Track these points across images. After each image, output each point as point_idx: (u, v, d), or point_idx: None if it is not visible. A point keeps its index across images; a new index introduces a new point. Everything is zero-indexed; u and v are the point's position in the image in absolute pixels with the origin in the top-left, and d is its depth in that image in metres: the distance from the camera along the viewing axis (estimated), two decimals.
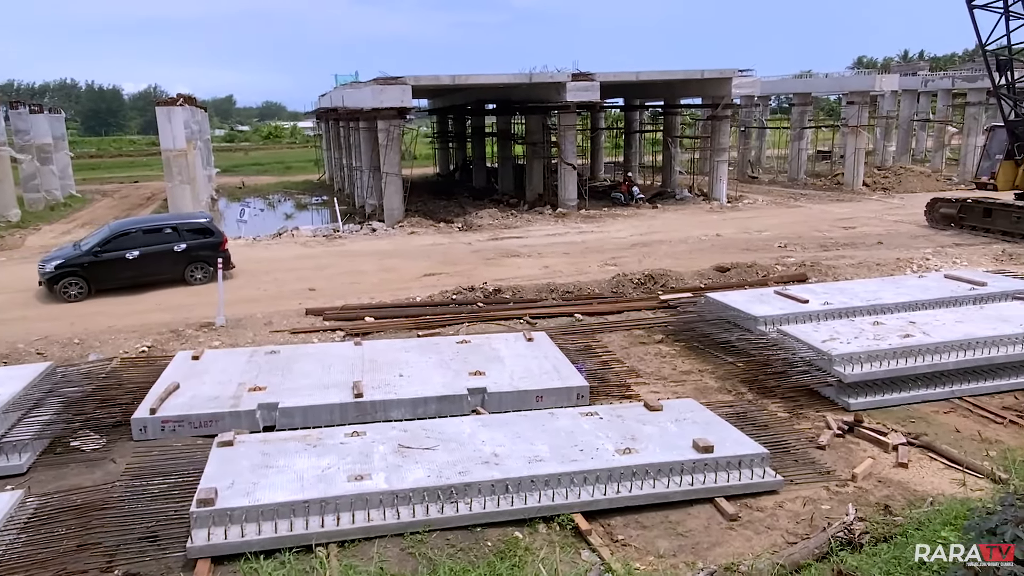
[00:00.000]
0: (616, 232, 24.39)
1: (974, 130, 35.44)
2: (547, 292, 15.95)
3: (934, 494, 7.49)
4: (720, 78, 29.68)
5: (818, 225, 24.77)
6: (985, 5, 19.78)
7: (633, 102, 40.19)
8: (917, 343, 10.15)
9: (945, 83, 42.96)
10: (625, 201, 31.26)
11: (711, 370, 11.43)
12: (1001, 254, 19.20)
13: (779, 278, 16.54)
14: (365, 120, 28.57)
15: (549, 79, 27.76)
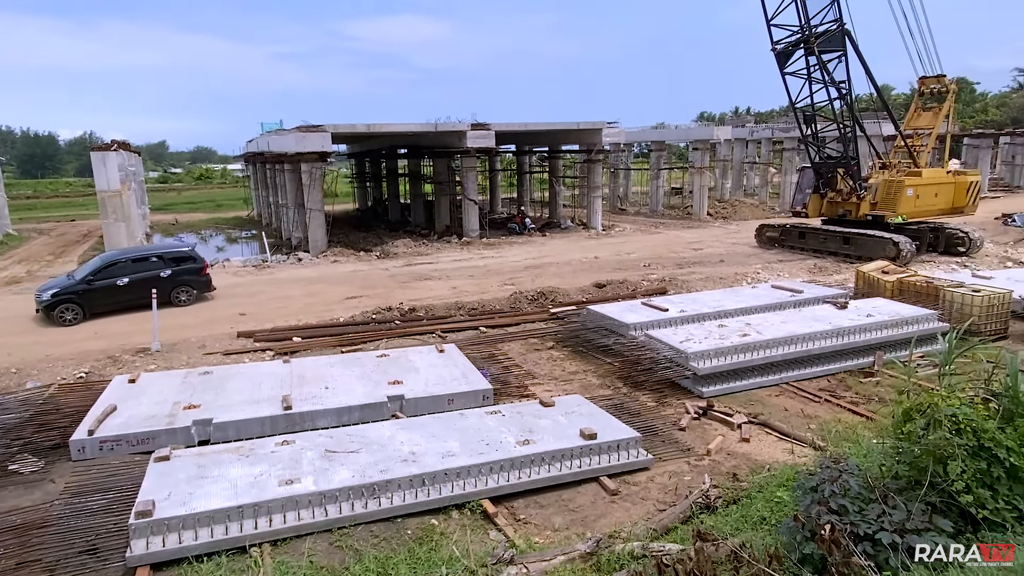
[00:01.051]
0: (512, 257, 24.59)
1: (789, 170, 38.18)
2: (456, 309, 15.86)
3: (771, 462, 7.93)
4: (593, 128, 30.70)
5: (674, 247, 25.80)
6: (793, 72, 21.42)
7: (523, 148, 40.84)
8: (753, 340, 10.76)
9: (767, 133, 46.28)
10: (519, 231, 31.63)
11: (593, 370, 11.67)
12: (813, 268, 20.67)
13: (645, 291, 17.08)
14: (290, 163, 27.61)
15: (452, 128, 27.83)
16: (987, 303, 12.63)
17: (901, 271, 15.65)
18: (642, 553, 5.73)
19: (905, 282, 14.40)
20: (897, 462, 5.48)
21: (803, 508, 5.08)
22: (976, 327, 12.04)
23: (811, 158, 23.19)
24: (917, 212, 22.02)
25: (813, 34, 20.31)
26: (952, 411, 5.20)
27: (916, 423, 5.42)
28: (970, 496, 4.96)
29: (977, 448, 5.12)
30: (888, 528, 4.65)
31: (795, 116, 22.33)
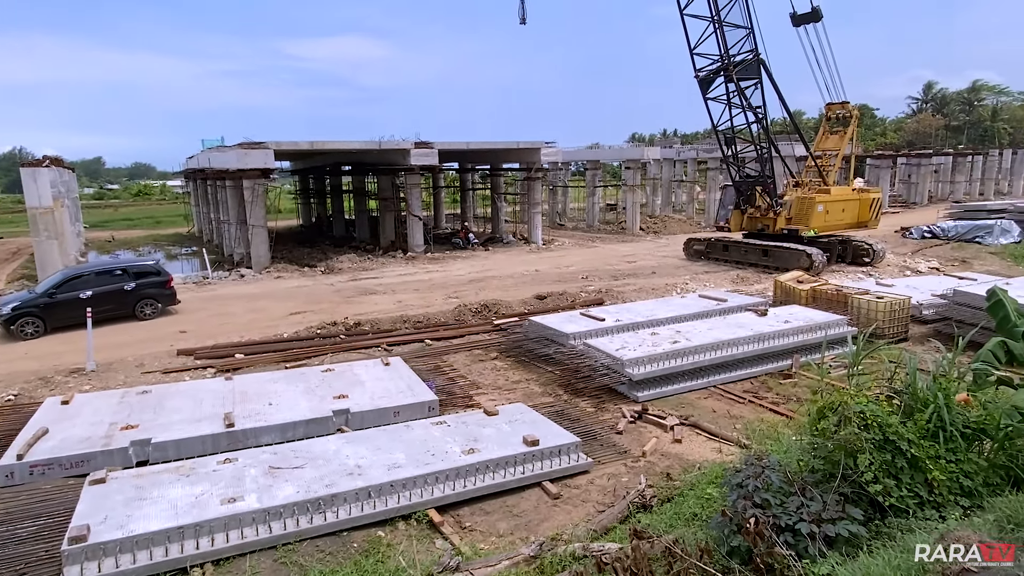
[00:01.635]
0: (457, 271, 24.50)
1: (713, 188, 39.64)
2: (401, 323, 15.65)
3: (701, 461, 8.16)
4: (531, 148, 31.08)
5: (609, 260, 26.28)
6: (715, 98, 22.35)
7: (466, 165, 40.88)
8: (683, 347, 11.07)
9: (692, 154, 48.05)
10: (463, 245, 31.58)
11: (536, 378, 11.73)
12: (736, 278, 21.48)
13: (583, 302, 17.29)
14: (231, 179, 26.70)
15: (395, 146, 27.59)
16: (890, 309, 13.44)
17: (814, 280, 16.48)
18: (583, 554, 5.77)
19: (818, 290, 15.15)
20: (813, 457, 5.73)
21: (730, 503, 5.24)
22: (880, 330, 12.79)
23: (732, 177, 24.18)
24: (827, 226, 23.26)
25: (732, 63, 21.28)
26: (860, 408, 5.49)
27: (829, 420, 5.69)
28: (878, 486, 5.23)
29: (883, 441, 5.42)
30: (806, 519, 4.85)
31: (717, 138, 23.27)
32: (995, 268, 21.81)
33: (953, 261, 23.85)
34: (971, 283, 15.44)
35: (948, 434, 5.64)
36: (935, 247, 27.67)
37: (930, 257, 24.94)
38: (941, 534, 4.06)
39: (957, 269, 21.22)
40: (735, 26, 21.17)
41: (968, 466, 5.55)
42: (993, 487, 5.50)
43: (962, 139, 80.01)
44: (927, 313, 14.64)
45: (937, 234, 29.87)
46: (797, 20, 22.99)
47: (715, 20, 20.85)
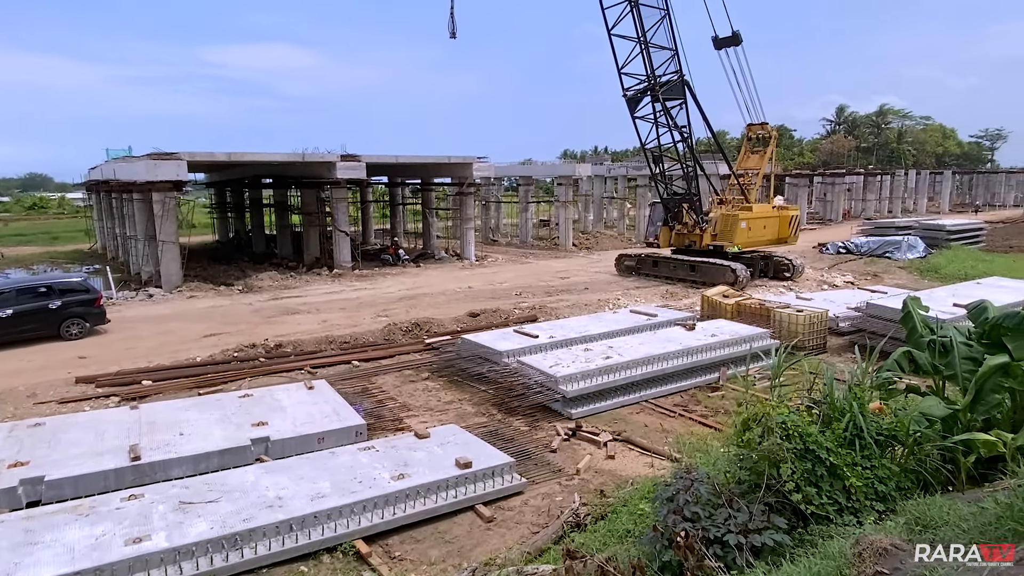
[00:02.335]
0: (386, 288, 24.14)
1: (643, 204, 40.97)
2: (326, 344, 15.22)
3: (634, 476, 8.33)
4: (464, 163, 31.18)
5: (543, 276, 26.58)
6: (642, 117, 23.22)
7: (396, 179, 40.55)
8: (615, 362, 11.32)
9: (622, 171, 49.61)
10: (393, 262, 31.17)
11: (469, 398, 11.67)
12: (666, 293, 22.21)
13: (517, 319, 17.39)
14: (140, 192, 25.31)
15: (320, 159, 27.02)
16: (809, 322, 14.26)
17: (739, 295, 17.29)
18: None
19: (742, 304, 15.90)
20: (739, 468, 5.98)
21: (661, 518, 5.37)
22: (801, 343, 13.54)
23: (660, 194, 25.11)
24: (750, 242, 24.51)
25: (658, 83, 22.22)
26: (782, 419, 5.78)
27: (754, 432, 5.95)
28: (799, 494, 5.51)
29: (803, 451, 5.72)
30: (734, 530, 5.04)
31: (645, 156, 24.15)
32: (904, 282, 23.59)
33: (866, 275, 25.63)
34: (882, 296, 16.63)
35: (863, 442, 6.02)
36: (850, 262, 29.66)
37: (845, 272, 26.69)
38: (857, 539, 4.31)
39: (870, 283, 22.81)
40: (661, 47, 22.15)
41: (882, 471, 5.94)
42: (905, 491, 5.91)
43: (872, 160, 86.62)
44: (843, 325, 15.63)
45: (851, 250, 32.04)
46: (719, 44, 24.31)
47: (641, 41, 21.74)
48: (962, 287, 18.03)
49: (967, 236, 33.85)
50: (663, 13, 21.79)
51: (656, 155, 23.69)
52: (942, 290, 17.88)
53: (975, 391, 6.64)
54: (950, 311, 13.77)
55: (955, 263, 26.54)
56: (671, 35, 22.07)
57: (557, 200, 39.89)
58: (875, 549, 4.02)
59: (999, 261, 27.71)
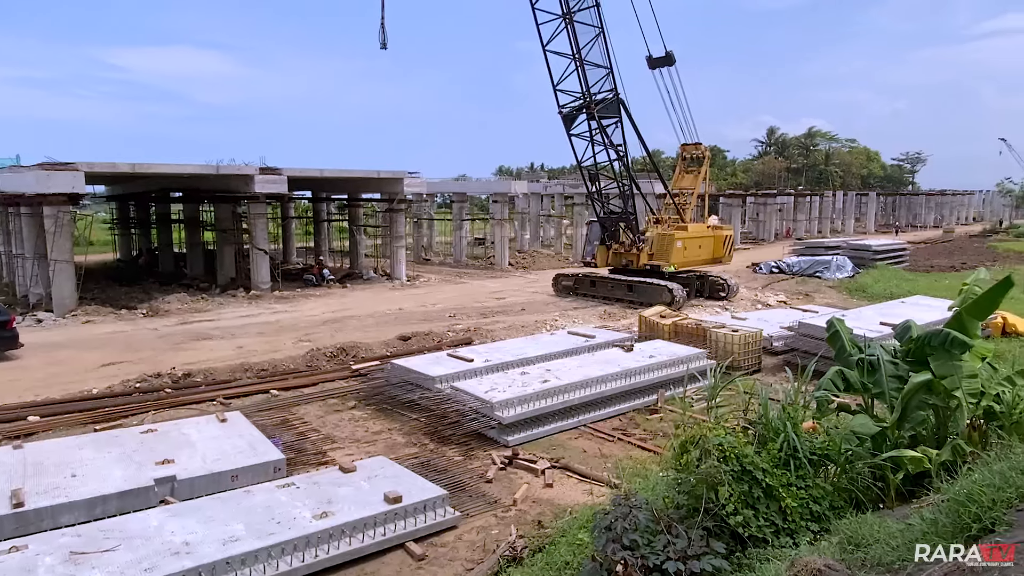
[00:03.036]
0: (310, 311, 23.51)
1: (580, 223, 41.84)
2: (242, 372, 14.63)
3: (572, 505, 8.37)
4: (394, 178, 30.97)
5: (478, 297, 26.63)
6: (578, 134, 23.84)
7: (321, 195, 39.81)
8: (553, 386, 11.41)
9: (559, 189, 50.53)
10: (317, 282, 30.43)
11: (399, 427, 11.46)
12: (604, 313, 22.68)
13: (450, 342, 17.31)
14: (28, 206, 23.72)
15: (237, 171, 26.21)
16: (744, 341, 14.86)
17: (676, 315, 17.84)
18: None
19: (679, 324, 16.41)
20: (678, 492, 6.12)
21: (599, 547, 5.41)
22: (737, 362, 14.08)
23: (597, 213, 25.76)
24: (686, 262, 25.42)
25: (593, 101, 22.90)
26: (719, 440, 5.98)
27: (691, 454, 6.13)
28: (738, 517, 5.69)
29: (740, 472, 5.93)
30: (673, 557, 5.14)
31: (582, 174, 24.76)
32: (833, 301, 24.99)
33: (798, 295, 27.01)
34: (813, 315, 17.54)
35: (798, 461, 6.30)
36: (782, 281, 31.21)
37: (778, 291, 28.05)
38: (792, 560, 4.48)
39: (801, 302, 24.04)
40: (596, 65, 22.87)
41: (816, 491, 6.22)
42: (838, 510, 6.20)
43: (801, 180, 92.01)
44: (777, 345, 16.37)
45: (783, 269, 33.75)
46: (653, 63, 25.34)
47: (576, 58, 22.39)
48: (888, 306, 19.27)
49: (892, 256, 36.32)
50: (598, 31, 22.55)
51: (592, 173, 24.31)
52: (870, 309, 19.05)
53: (901, 408, 7.09)
54: (878, 329, 14.68)
55: (881, 282, 28.37)
56: (606, 53, 22.86)
57: (492, 218, 40.18)
58: (810, 570, 4.20)
59: (922, 280, 29.83)
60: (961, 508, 4.60)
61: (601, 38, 22.62)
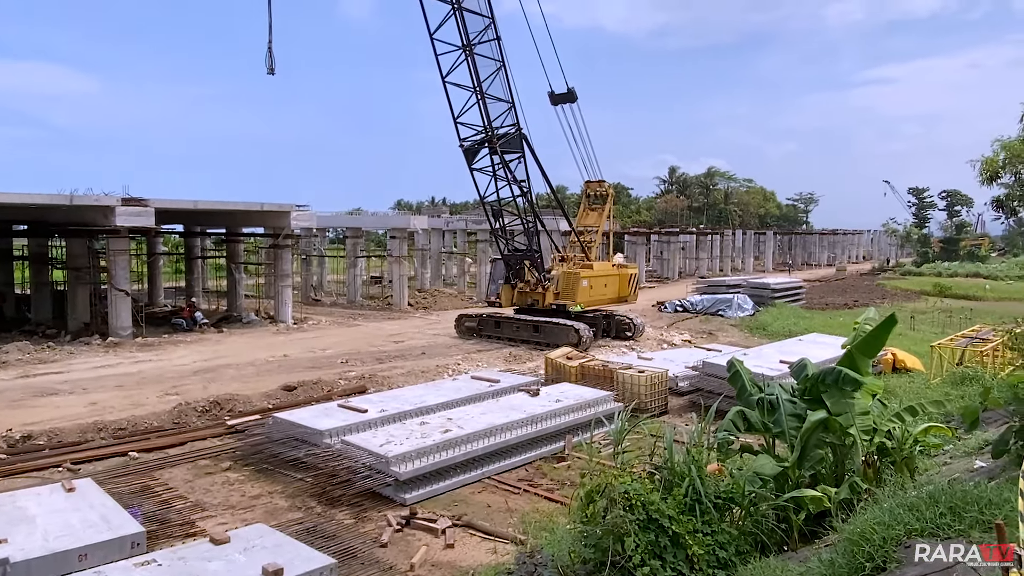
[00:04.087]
0: (179, 359, 22.14)
1: (484, 260, 42.29)
2: (94, 432, 13.48)
3: (475, 566, 8.23)
4: (280, 211, 30.10)
5: (374, 341, 26.15)
6: (480, 169, 24.28)
7: (194, 228, 37.99)
8: (455, 436, 11.28)
9: (461, 224, 50.99)
10: (188, 327, 28.76)
11: (281, 490, 10.91)
12: (509, 356, 22.85)
13: (342, 391, 16.85)
14: None
15: (95, 202, 24.57)
16: (650, 382, 15.40)
17: (582, 356, 18.26)
18: None
19: (586, 366, 16.80)
20: (584, 546, 6.19)
21: None
22: (644, 404, 14.55)
23: (501, 250, 26.17)
24: (592, 301, 26.20)
25: (495, 135, 23.46)
26: (625, 488, 6.13)
27: (598, 504, 6.23)
28: (645, 568, 5.82)
29: (647, 521, 6.09)
30: None
31: (485, 210, 25.18)
32: (736, 339, 26.50)
33: (702, 334, 28.44)
34: (717, 354, 18.49)
35: (703, 506, 6.55)
36: (687, 320, 32.80)
37: (683, 330, 29.42)
38: None
39: (705, 341, 25.31)
40: (497, 99, 23.53)
41: (722, 536, 6.48)
42: (744, 554, 6.48)
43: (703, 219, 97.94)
44: (683, 385, 17.09)
45: (688, 308, 35.49)
46: (555, 99, 26.40)
47: (477, 91, 22.94)
48: (787, 344, 20.66)
49: (789, 294, 39.13)
50: (499, 64, 23.27)
51: (496, 209, 24.74)
52: (769, 347, 20.35)
53: (801, 447, 7.57)
54: (777, 368, 15.67)
55: (780, 320, 30.45)
56: (508, 87, 23.59)
57: (390, 255, 39.83)
58: None
59: (818, 318, 32.28)
60: (855, 548, 4.94)
61: (503, 71, 23.35)
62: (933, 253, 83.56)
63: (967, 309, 34.26)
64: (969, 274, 63.85)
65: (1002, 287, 51.14)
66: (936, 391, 14.61)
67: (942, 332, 24.93)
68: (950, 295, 44.83)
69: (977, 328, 21.80)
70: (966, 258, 79.05)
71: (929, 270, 68.60)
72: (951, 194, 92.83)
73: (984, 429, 9.96)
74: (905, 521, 4.97)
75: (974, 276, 61.92)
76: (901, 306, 37.54)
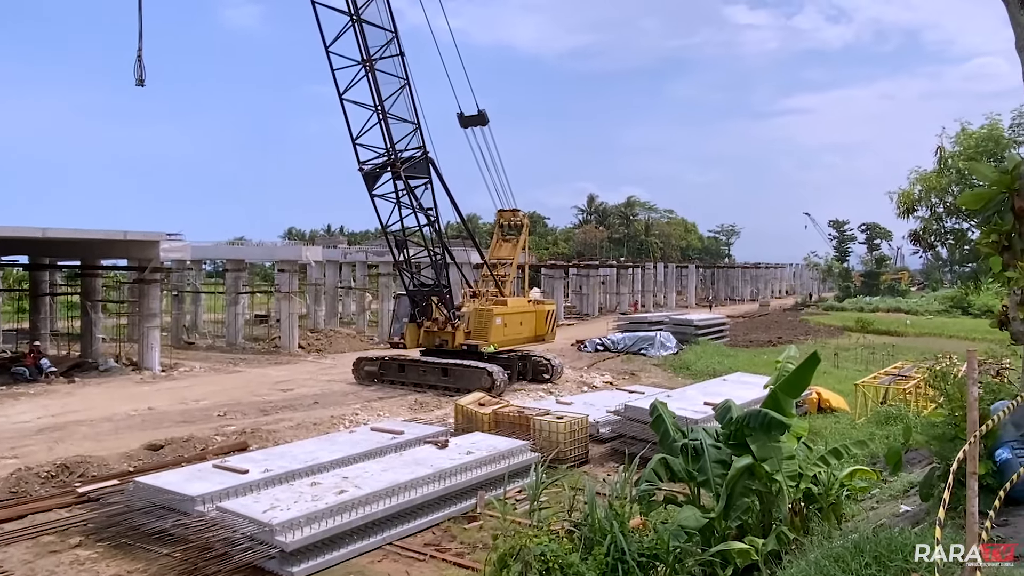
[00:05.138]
0: (18, 416, 20.55)
1: (386, 297, 41.90)
2: None
3: None
4: (147, 240, 28.76)
5: (258, 390, 25.26)
6: (382, 195, 24.18)
7: (42, 261, 35.70)
8: (351, 497, 10.96)
9: (361, 256, 50.40)
10: (32, 376, 26.77)
11: (143, 568, 10.22)
12: (414, 403, 22.58)
13: (219, 450, 16.13)
14: None
15: None
16: (570, 429, 15.55)
17: (496, 402, 18.28)
18: None
19: (500, 413, 16.80)
20: None
21: None
22: (563, 454, 14.67)
23: (406, 285, 26.04)
24: (506, 341, 26.38)
25: (399, 159, 23.49)
26: (540, 550, 6.12)
27: (512, 569, 6.18)
28: None
29: None
30: None
31: (387, 240, 25.04)
32: (659, 380, 27.29)
33: (624, 374, 29.13)
34: (639, 397, 18.95)
35: (627, 566, 6.63)
36: (608, 360, 33.53)
37: (604, 371, 30.05)
38: None
39: (628, 382, 25.93)
40: (401, 119, 23.64)
41: None
42: None
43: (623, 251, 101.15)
44: (604, 431, 17.36)
45: (608, 347, 36.34)
46: (464, 122, 26.82)
47: (379, 110, 22.97)
48: (711, 384, 21.45)
49: (713, 331, 40.81)
50: (403, 83, 23.44)
51: (400, 239, 24.68)
52: (693, 388, 21.05)
53: (727, 496, 7.82)
54: (702, 410, 16.20)
55: (704, 359, 31.66)
56: (413, 107, 23.75)
57: (278, 290, 38.77)
58: None
59: (742, 356, 33.77)
60: None
61: (407, 90, 23.54)
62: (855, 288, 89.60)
63: (889, 345, 36.78)
64: (890, 308, 68.81)
65: (922, 322, 55.32)
66: (861, 431, 15.51)
67: (866, 369, 26.63)
68: (872, 331, 48.07)
69: (899, 365, 23.38)
70: (887, 292, 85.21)
71: (851, 305, 73.49)
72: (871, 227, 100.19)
73: (909, 470, 10.64)
74: (831, 574, 5.20)
75: (895, 311, 66.76)
76: (825, 342, 39.87)
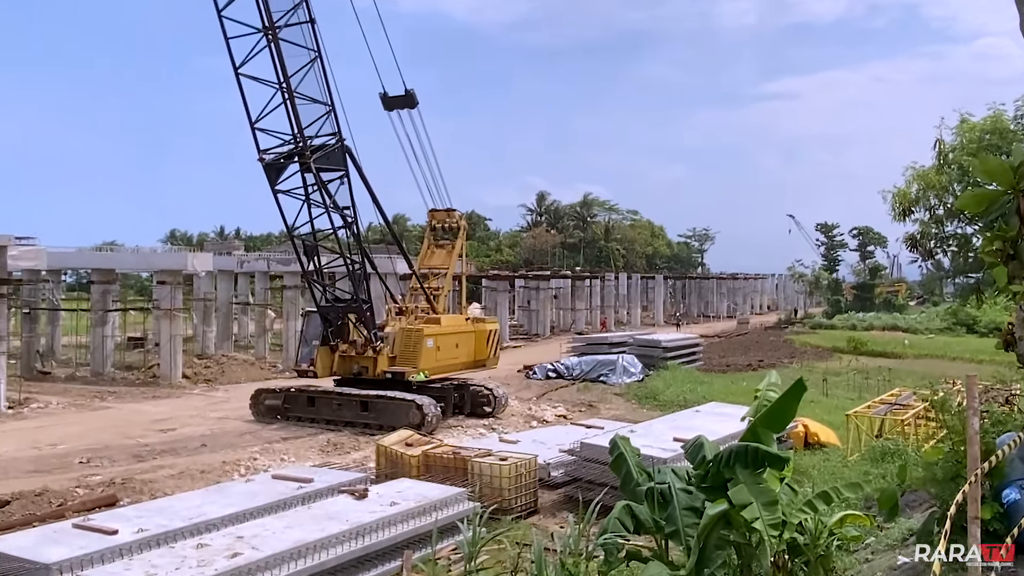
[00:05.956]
0: None
1: (293, 314, 41.27)
2: None
3: None
4: None
5: (131, 430, 24.69)
6: (288, 191, 23.89)
7: None
8: (246, 562, 10.71)
9: (261, 265, 49.63)
10: None
11: None
12: (327, 444, 22.28)
13: (81, 505, 15.78)
14: None
15: None
16: (515, 473, 15.57)
17: (426, 441, 18.18)
18: None
19: (431, 455, 16.72)
20: None
21: None
22: (507, 503, 14.67)
23: (317, 300, 25.71)
24: (440, 367, 26.31)
25: (308, 147, 23.26)
26: None
27: None
28: None
29: None
30: None
31: (294, 246, 24.74)
32: (622, 412, 27.61)
33: (580, 405, 29.37)
34: (598, 433, 19.08)
35: None
36: (561, 388, 33.79)
37: (556, 402, 30.26)
38: None
39: (585, 415, 26.15)
40: (312, 100, 23.49)
41: None
42: None
43: (579, 258, 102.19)
44: (556, 474, 17.45)
45: (562, 373, 36.63)
46: (389, 103, 26.80)
47: (284, 88, 22.77)
48: (682, 416, 21.76)
49: (684, 354, 41.55)
50: (313, 55, 23.29)
51: (309, 244, 24.44)
52: (661, 421, 21.35)
53: (699, 550, 7.92)
54: (671, 448, 16.41)
55: (674, 387, 32.19)
56: (326, 86, 23.62)
57: (157, 307, 37.88)
58: None
59: (717, 382, 34.46)
60: None
61: (318, 65, 23.39)
62: (846, 302, 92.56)
63: (885, 369, 38.04)
64: (886, 326, 71.31)
65: (922, 342, 57.46)
66: (854, 470, 15.95)
67: (859, 397, 27.48)
68: (866, 352, 49.69)
69: (897, 392, 24.20)
70: (882, 307, 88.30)
71: (842, 322, 75.89)
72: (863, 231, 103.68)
73: (908, 515, 10.97)
74: None
75: (892, 329, 69.22)
76: (812, 366, 40.99)
